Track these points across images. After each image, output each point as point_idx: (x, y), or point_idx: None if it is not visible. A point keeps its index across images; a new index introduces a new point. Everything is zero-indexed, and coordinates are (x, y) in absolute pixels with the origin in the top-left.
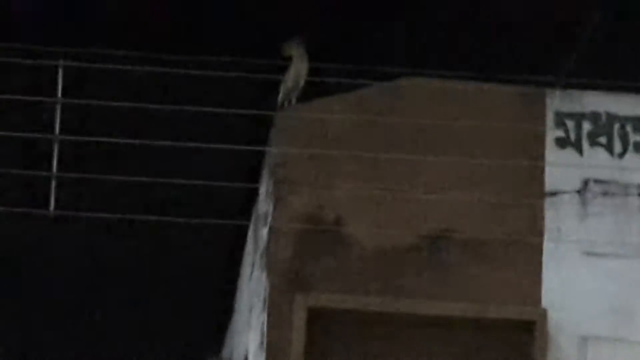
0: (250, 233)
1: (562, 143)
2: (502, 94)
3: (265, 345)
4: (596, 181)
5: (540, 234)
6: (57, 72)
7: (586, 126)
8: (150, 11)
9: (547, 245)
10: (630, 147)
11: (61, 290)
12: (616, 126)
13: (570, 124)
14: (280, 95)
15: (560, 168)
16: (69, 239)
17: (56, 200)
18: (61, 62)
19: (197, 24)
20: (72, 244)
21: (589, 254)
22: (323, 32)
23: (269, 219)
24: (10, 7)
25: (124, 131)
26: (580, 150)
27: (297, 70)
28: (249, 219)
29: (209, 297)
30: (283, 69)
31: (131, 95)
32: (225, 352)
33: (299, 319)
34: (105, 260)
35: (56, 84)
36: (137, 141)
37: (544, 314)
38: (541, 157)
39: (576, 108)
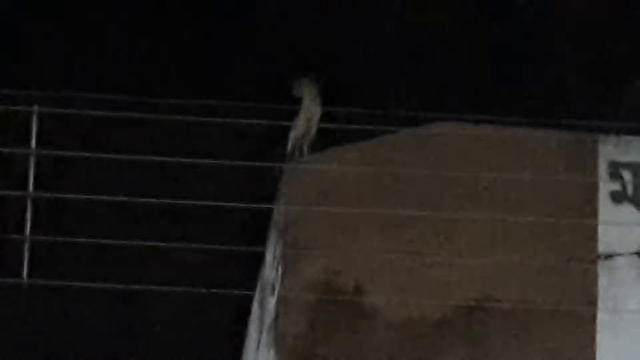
0: (255, 305)
1: (618, 197)
2: (547, 141)
3: None
4: None
5: (593, 303)
6: (30, 120)
7: None
8: (141, 51)
9: (602, 317)
10: None
11: None
12: None
13: (627, 175)
14: (290, 144)
15: (616, 227)
16: (45, 310)
17: (30, 267)
18: (35, 108)
19: (191, 62)
20: (48, 317)
21: None
22: (338, 71)
23: (277, 288)
24: None
25: (109, 186)
26: (639, 206)
27: (309, 115)
28: (253, 288)
29: None
30: (292, 114)
31: (117, 145)
32: None
33: None
34: (88, 336)
35: (29, 132)
36: (123, 198)
37: None
38: (594, 214)
39: (634, 157)
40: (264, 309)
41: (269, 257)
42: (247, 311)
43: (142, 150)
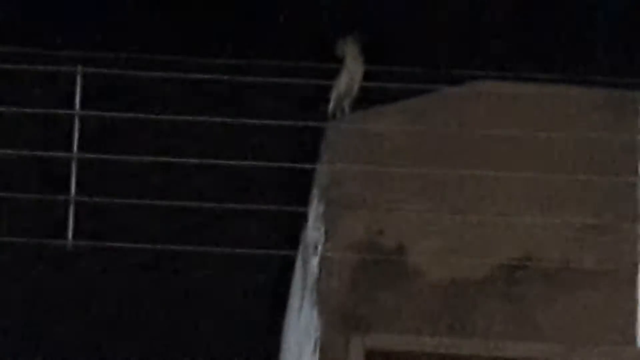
0: (298, 264)
1: None
2: (588, 98)
3: None
4: None
5: (635, 262)
6: (74, 80)
7: None
8: (184, 11)
9: None
10: None
11: (80, 332)
12: None
13: None
14: (332, 104)
15: None
16: (89, 273)
17: (75, 229)
18: (79, 69)
19: (234, 21)
20: (93, 280)
21: None
22: (380, 30)
23: (320, 247)
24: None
25: (153, 148)
26: None
27: (351, 74)
28: (296, 247)
29: (251, 337)
30: (334, 73)
31: (160, 106)
32: None
33: None
34: (134, 296)
35: (74, 93)
36: (167, 159)
37: None
38: (635, 171)
39: None
40: (306, 269)
41: (311, 216)
42: (290, 271)
43: (184, 110)
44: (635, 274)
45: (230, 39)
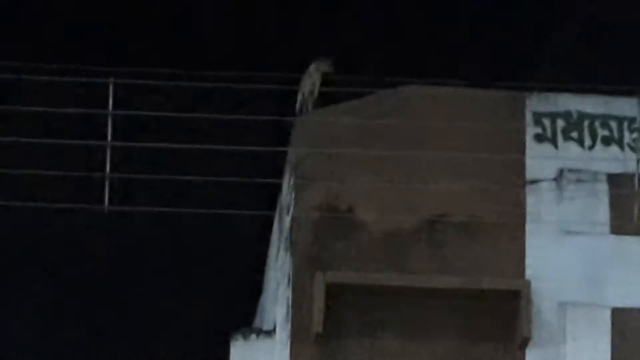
0: (275, 221)
1: (540, 138)
2: (489, 97)
3: (290, 315)
4: (570, 170)
5: (523, 216)
6: (108, 89)
7: (560, 123)
8: (189, 28)
9: (529, 226)
10: (598, 141)
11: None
12: (586, 123)
13: (546, 122)
14: (298, 103)
15: (539, 160)
16: (122, 232)
17: (110, 199)
18: (112, 80)
19: (231, 38)
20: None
21: (565, 232)
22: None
23: (291, 209)
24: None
25: (169, 137)
26: (555, 145)
27: (312, 82)
28: (274, 209)
29: (243, 276)
30: (299, 82)
31: (176, 107)
32: (256, 322)
33: (319, 293)
34: (153, 248)
35: (108, 98)
36: (181, 145)
37: (527, 284)
38: (522, 150)
39: (551, 108)
40: (281, 225)
41: (284, 186)
42: (270, 226)
43: (187, 109)
44: (523, 224)
45: (227, 53)
